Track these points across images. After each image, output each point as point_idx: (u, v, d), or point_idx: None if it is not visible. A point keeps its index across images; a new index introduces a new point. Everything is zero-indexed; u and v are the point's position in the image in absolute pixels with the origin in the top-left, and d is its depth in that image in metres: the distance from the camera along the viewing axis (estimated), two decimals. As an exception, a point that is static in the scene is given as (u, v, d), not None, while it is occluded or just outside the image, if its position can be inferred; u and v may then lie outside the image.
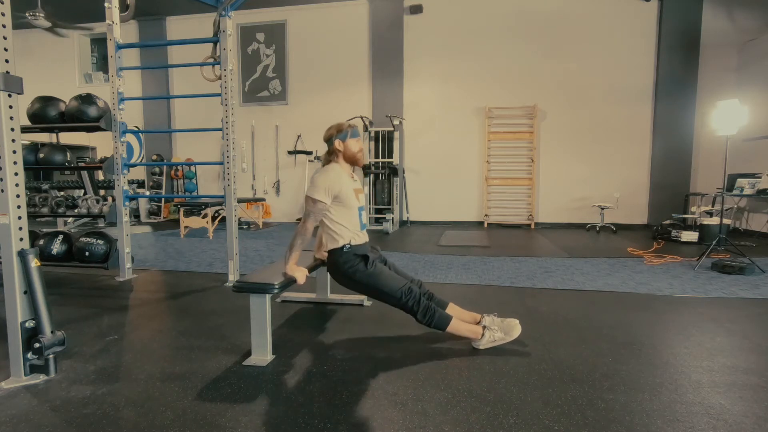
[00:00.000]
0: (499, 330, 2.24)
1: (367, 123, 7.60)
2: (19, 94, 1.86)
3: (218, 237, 6.34)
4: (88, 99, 3.73)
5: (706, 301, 3.11)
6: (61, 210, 4.04)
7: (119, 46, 3.70)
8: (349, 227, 2.32)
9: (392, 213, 7.41)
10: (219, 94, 3.61)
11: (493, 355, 2.16)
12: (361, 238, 2.39)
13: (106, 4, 3.59)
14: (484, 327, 2.24)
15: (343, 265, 2.30)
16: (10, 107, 1.83)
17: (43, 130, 3.87)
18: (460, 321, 2.28)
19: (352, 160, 2.39)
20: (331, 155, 2.40)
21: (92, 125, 3.70)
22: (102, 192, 7.02)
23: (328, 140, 2.38)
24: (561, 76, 7.58)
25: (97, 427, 1.54)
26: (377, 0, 7.95)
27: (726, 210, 6.54)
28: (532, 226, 7.74)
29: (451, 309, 2.38)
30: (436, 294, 2.42)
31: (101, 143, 8.87)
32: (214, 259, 4.69)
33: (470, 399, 1.73)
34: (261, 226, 7.80)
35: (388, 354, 2.18)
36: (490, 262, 4.50)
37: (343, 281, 2.36)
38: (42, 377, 1.91)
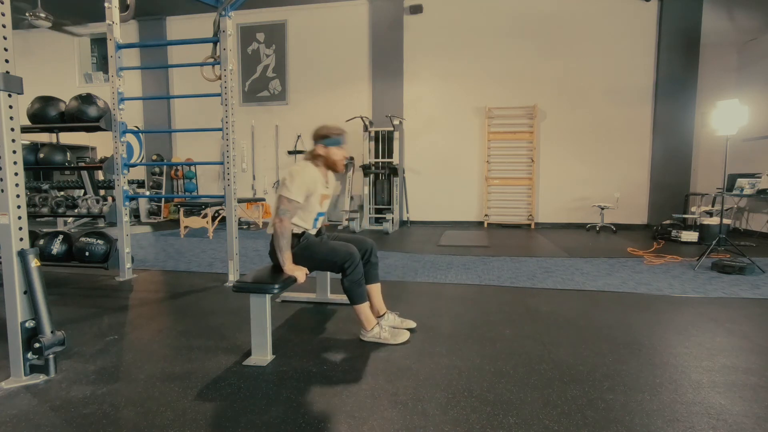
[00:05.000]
0: (388, 332, 2.32)
1: (367, 123, 7.60)
2: (19, 94, 1.86)
3: (218, 237, 6.34)
4: (88, 99, 3.73)
5: (706, 301, 3.11)
6: (61, 210, 4.04)
7: (119, 46, 3.70)
8: (302, 226, 2.37)
9: (392, 213, 7.41)
10: (219, 94, 3.61)
11: (493, 355, 2.16)
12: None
13: (106, 4, 3.59)
14: (378, 320, 2.36)
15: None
16: (10, 107, 1.83)
17: (43, 130, 3.86)
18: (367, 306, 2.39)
19: (332, 167, 2.43)
20: (315, 157, 2.41)
21: (92, 125, 3.70)
22: (102, 192, 7.02)
23: (315, 141, 2.40)
24: (561, 76, 7.58)
25: (97, 427, 1.54)
26: (377, 0, 7.95)
27: (726, 210, 6.55)
28: (532, 226, 7.73)
29: (373, 289, 2.47)
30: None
31: (101, 143, 8.87)
32: (214, 259, 4.69)
33: (470, 399, 1.73)
34: (261, 226, 7.80)
35: (388, 354, 2.18)
36: (490, 262, 4.50)
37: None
38: (42, 377, 1.91)
